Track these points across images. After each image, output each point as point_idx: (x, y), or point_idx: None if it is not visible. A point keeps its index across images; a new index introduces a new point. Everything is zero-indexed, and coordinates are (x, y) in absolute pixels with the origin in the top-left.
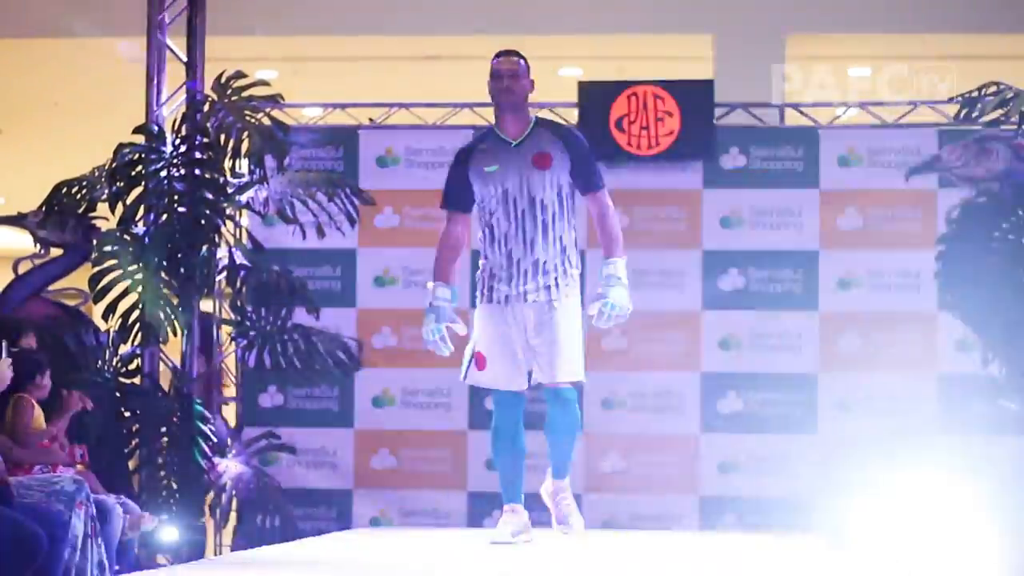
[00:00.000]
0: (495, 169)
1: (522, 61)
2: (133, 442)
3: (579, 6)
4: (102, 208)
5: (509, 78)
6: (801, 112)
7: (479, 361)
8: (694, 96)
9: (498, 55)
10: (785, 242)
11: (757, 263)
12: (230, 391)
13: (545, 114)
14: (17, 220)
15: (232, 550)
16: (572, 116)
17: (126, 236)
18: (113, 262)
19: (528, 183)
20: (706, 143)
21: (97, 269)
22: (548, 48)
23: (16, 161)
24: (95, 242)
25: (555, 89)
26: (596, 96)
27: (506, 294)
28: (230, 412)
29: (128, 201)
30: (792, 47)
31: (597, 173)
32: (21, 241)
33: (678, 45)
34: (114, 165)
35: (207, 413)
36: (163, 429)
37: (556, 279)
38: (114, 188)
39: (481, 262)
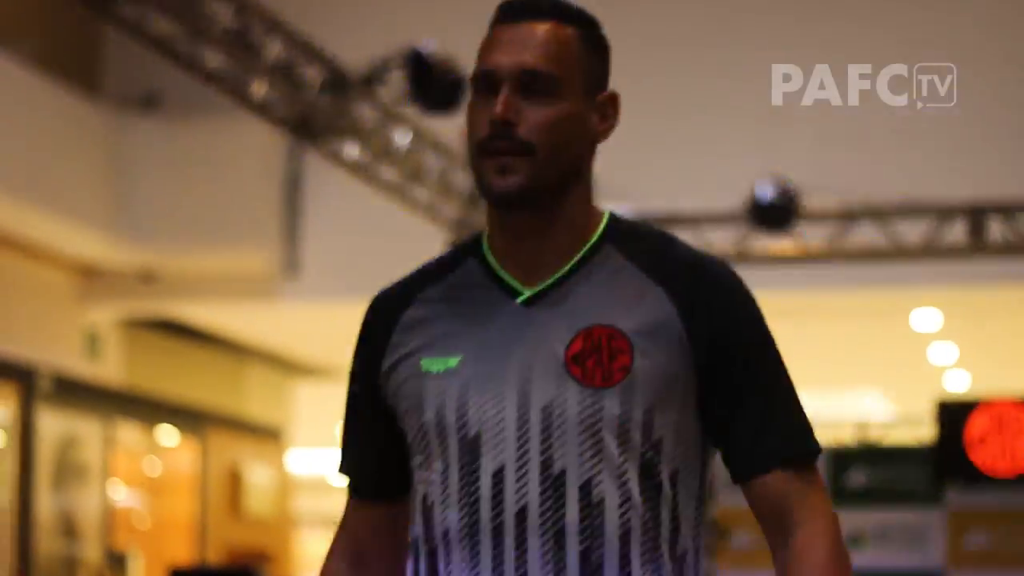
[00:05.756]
0: (454, 364)
1: (569, 31)
2: None
3: None
4: None
5: (510, 107)
6: None
7: None
8: None
9: (502, 13)
10: None
11: None
12: None
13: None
14: None
15: None
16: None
17: None
18: None
19: (550, 424)
20: None
21: None
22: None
23: None
24: None
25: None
26: (951, 414)
27: None
28: None
29: None
30: None
31: (792, 414)
32: None
33: None
34: None
35: None
36: None
37: None
38: None
39: None
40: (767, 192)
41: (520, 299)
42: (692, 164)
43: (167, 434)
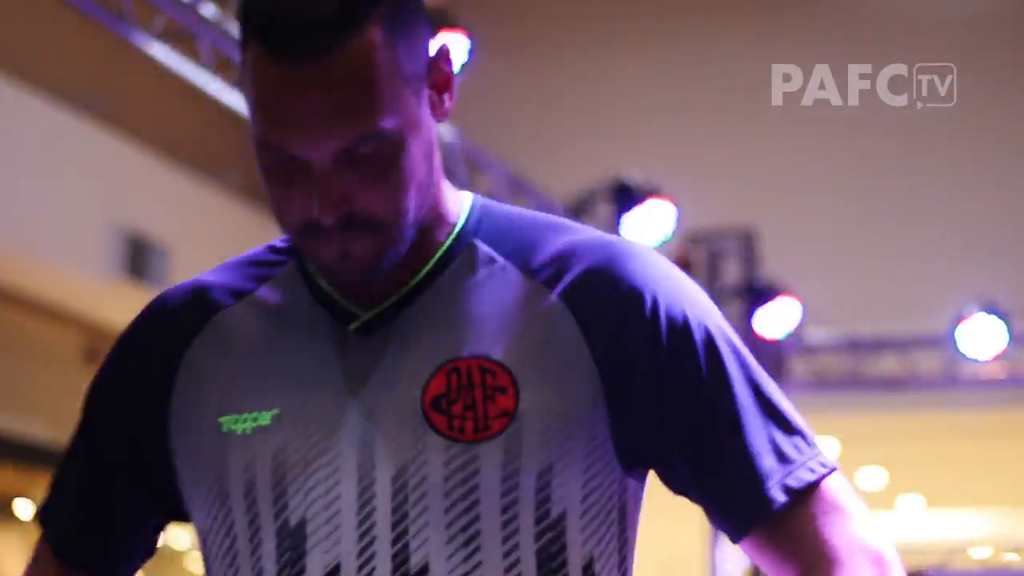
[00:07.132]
0: (265, 421)
1: (370, 35)
2: None
3: None
4: None
5: (332, 202)
6: None
7: None
8: None
9: (270, 39)
10: None
11: None
12: None
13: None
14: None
15: None
16: None
17: None
18: None
19: (404, 499)
20: None
21: None
22: None
23: None
24: None
25: None
26: None
27: None
28: None
29: None
30: None
31: (784, 433)
32: None
33: None
34: None
35: None
36: None
37: None
38: None
39: None
40: (973, 314)
41: (354, 325)
42: (899, 288)
43: None
